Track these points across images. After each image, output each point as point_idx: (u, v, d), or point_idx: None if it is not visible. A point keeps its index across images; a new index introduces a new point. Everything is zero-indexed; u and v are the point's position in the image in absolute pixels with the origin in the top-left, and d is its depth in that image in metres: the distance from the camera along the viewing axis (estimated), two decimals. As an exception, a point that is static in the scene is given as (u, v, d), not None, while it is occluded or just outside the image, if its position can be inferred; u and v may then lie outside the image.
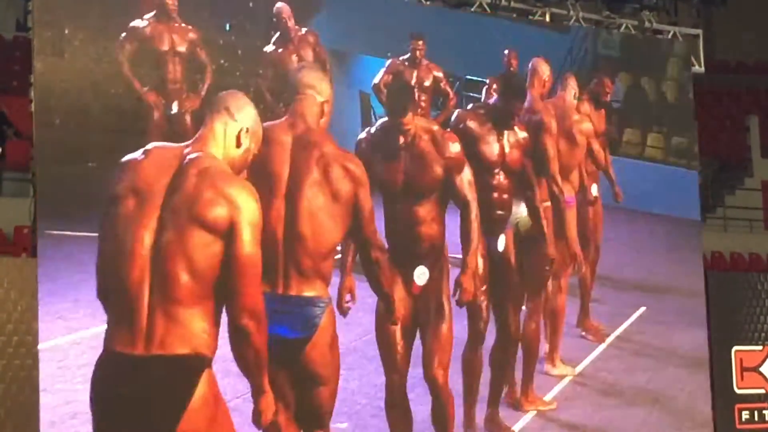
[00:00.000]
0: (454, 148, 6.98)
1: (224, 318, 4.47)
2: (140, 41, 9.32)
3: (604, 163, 10.31)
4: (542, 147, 8.82)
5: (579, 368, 9.98)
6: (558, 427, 9.25)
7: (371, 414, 8.29)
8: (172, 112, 9.35)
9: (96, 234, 4.52)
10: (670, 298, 11.50)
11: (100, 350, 4.43)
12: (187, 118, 9.33)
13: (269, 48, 9.85)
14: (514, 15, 11.61)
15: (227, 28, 10.02)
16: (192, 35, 9.47)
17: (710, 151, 14.83)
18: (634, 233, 11.72)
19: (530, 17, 11.66)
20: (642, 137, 12.10)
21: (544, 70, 9.40)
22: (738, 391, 11.64)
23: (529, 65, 9.45)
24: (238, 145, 4.58)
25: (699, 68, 12.41)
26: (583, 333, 10.48)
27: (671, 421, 10.46)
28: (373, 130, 7.09)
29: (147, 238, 4.30)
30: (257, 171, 5.15)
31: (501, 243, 8.12)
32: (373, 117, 10.64)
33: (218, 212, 4.30)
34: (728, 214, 15.03)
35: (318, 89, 5.75)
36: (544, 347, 9.59)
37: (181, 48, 9.42)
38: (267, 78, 9.70)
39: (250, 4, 10.17)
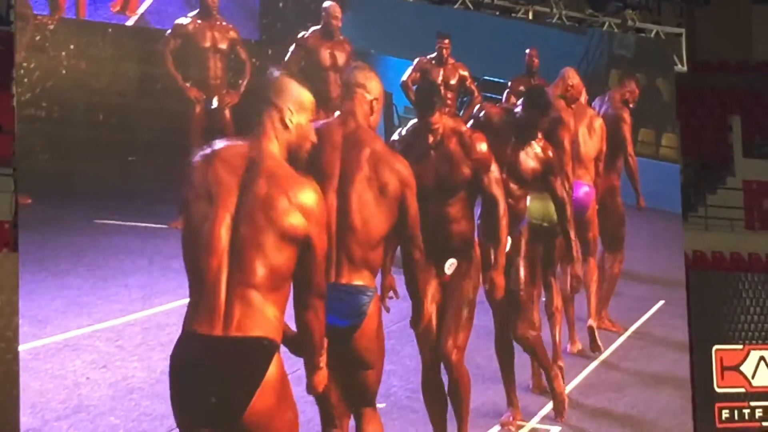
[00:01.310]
0: (481, 147, 7.25)
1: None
2: (183, 38, 9.53)
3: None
4: (558, 141, 9.14)
5: (602, 357, 10.34)
6: (584, 412, 9.54)
7: (406, 396, 8.70)
8: (213, 107, 9.57)
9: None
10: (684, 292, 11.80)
11: (153, 331, 4.69)
12: (227, 113, 9.56)
13: (306, 34, 10.07)
14: (497, 13, 11.79)
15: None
16: (232, 33, 9.71)
17: (692, 150, 14.95)
18: (648, 230, 12.01)
19: (513, 15, 11.84)
20: (656, 137, 12.36)
21: (572, 76, 10.01)
22: (718, 390, 11.95)
23: (561, 72, 10.00)
24: (286, 127, 4.88)
25: (682, 67, 12.64)
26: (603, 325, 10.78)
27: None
28: (404, 132, 7.37)
29: (224, 234, 4.65)
30: (311, 167, 5.38)
31: None
32: (395, 115, 10.85)
33: (294, 222, 4.66)
34: (710, 213, 15.06)
35: (368, 88, 6.05)
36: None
37: (222, 45, 9.65)
38: (297, 59, 9.89)
39: (280, 5, 10.34)
